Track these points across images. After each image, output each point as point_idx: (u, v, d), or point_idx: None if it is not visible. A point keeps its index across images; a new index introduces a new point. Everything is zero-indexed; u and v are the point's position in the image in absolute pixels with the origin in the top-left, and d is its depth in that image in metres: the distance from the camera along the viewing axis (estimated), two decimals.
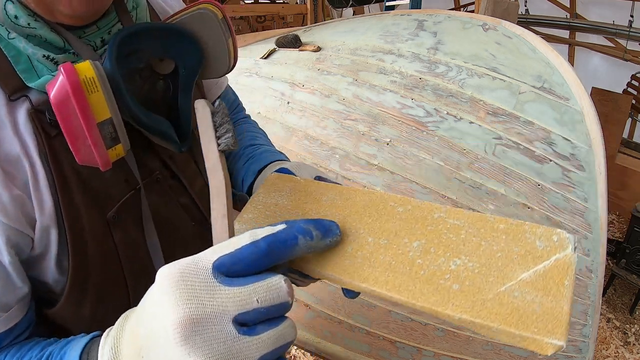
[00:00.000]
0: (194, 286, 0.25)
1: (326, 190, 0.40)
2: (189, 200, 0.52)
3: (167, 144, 0.45)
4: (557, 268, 0.28)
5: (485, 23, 1.31)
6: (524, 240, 0.30)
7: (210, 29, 0.45)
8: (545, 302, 0.26)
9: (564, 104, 1.10)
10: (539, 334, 0.26)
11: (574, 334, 1.07)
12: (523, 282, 0.28)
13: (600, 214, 1.04)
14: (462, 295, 0.29)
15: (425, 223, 0.33)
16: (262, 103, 1.45)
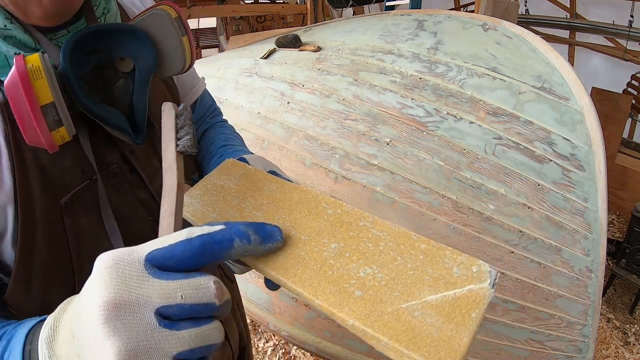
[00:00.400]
0: (124, 273, 0.26)
1: (270, 182, 0.41)
2: (148, 195, 0.54)
3: (122, 135, 0.48)
4: (469, 298, 0.27)
5: (485, 23, 1.30)
6: (441, 264, 0.29)
7: (165, 28, 0.48)
8: (445, 329, 0.26)
9: (564, 104, 1.10)
10: (428, 358, 0.25)
11: (574, 334, 1.07)
12: (427, 303, 0.27)
13: (600, 214, 1.04)
14: (362, 302, 0.28)
15: (349, 228, 0.34)
16: (262, 103, 1.45)
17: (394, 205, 1.11)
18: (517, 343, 1.08)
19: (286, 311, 1.23)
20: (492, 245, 1.05)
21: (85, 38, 0.43)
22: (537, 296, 1.05)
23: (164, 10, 0.48)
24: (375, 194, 1.14)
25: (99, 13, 0.48)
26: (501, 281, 1.05)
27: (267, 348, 1.85)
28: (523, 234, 1.04)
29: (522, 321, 1.06)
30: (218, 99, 1.62)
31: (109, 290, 0.25)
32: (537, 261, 1.04)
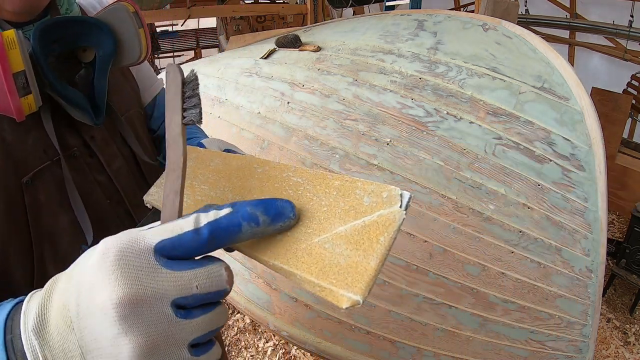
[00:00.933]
0: (135, 266, 0.25)
1: (215, 157, 0.44)
2: (106, 178, 0.58)
3: (83, 116, 0.53)
4: (378, 224, 0.27)
5: (485, 23, 1.30)
6: (353, 196, 0.30)
7: (123, 21, 0.54)
8: (352, 256, 0.27)
9: (564, 104, 1.10)
10: (336, 285, 0.26)
11: (574, 334, 1.07)
12: (337, 235, 0.28)
13: (600, 213, 1.04)
14: (281, 244, 0.30)
15: (274, 182, 0.36)
16: (262, 103, 1.45)
17: None
18: (517, 343, 1.08)
19: (286, 311, 1.23)
20: (492, 245, 1.05)
21: (53, 26, 0.48)
22: (537, 296, 1.05)
23: (122, 4, 0.54)
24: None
25: (63, 11, 0.54)
26: (501, 281, 1.05)
27: (267, 348, 1.85)
28: (523, 234, 1.04)
29: (522, 321, 1.06)
30: (218, 98, 1.62)
31: (121, 286, 0.24)
32: (537, 261, 1.04)
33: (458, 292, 1.06)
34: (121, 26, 0.54)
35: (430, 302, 1.08)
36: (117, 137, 0.62)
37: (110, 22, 0.54)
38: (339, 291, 0.26)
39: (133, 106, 0.67)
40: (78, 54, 0.55)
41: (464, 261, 1.05)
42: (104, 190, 0.58)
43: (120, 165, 0.61)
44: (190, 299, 0.26)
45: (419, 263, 1.07)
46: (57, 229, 0.51)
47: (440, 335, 1.09)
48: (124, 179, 0.61)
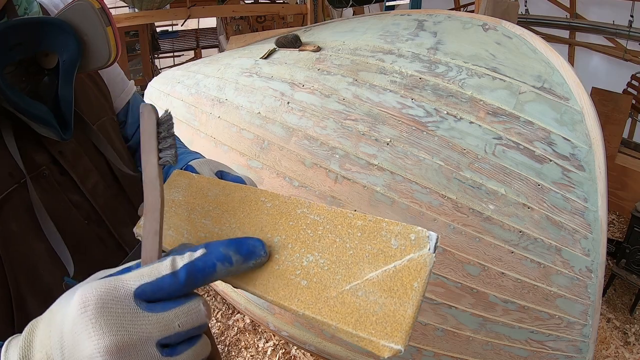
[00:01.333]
0: (117, 313, 0.25)
1: (212, 186, 0.42)
2: (80, 197, 0.52)
3: (49, 131, 0.46)
4: (409, 269, 0.27)
5: (485, 23, 1.30)
6: (379, 238, 0.29)
7: (88, 19, 0.47)
8: (387, 304, 0.26)
9: (564, 104, 1.10)
10: (375, 335, 0.25)
11: (574, 334, 1.07)
12: (369, 281, 0.27)
13: (600, 213, 1.04)
14: (309, 291, 0.29)
15: (288, 218, 0.34)
16: (262, 103, 1.45)
17: (394, 205, 1.11)
18: (517, 343, 1.08)
19: (286, 311, 1.23)
20: (492, 245, 1.05)
21: (6, 32, 0.42)
22: (537, 296, 1.05)
23: (87, 1, 0.47)
24: (375, 194, 1.14)
25: (21, 12, 0.48)
26: (501, 281, 1.05)
27: (267, 348, 1.85)
28: (523, 234, 1.04)
29: (522, 321, 1.06)
30: (218, 99, 1.62)
31: (106, 334, 0.24)
32: (537, 261, 1.04)
33: (458, 292, 1.06)
34: (86, 26, 0.47)
35: (430, 302, 1.08)
36: (90, 149, 0.55)
37: (73, 21, 0.47)
38: (380, 342, 0.25)
39: (105, 113, 0.61)
40: (39, 59, 0.48)
41: (464, 261, 1.05)
42: (80, 210, 0.51)
43: (96, 182, 0.54)
44: (173, 337, 0.27)
45: None
46: (33, 259, 0.46)
47: (440, 335, 1.09)
48: (101, 197, 0.54)
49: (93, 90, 0.60)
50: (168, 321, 0.26)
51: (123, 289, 0.26)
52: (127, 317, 0.25)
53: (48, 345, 0.26)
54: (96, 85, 0.61)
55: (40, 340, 0.27)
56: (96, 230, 0.53)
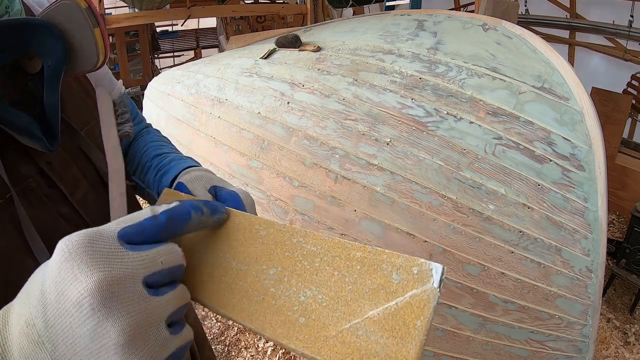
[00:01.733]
0: (102, 253, 0.25)
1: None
2: (70, 209, 0.49)
3: (34, 142, 0.43)
4: (412, 306, 0.26)
5: (485, 23, 1.30)
6: (380, 272, 0.28)
7: (75, 20, 0.44)
8: (389, 345, 0.25)
9: (564, 104, 1.10)
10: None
11: (574, 334, 1.07)
12: (370, 320, 0.26)
13: (600, 213, 1.04)
14: (307, 329, 0.28)
15: (283, 248, 0.33)
16: (262, 103, 1.45)
17: (394, 205, 1.11)
18: (517, 343, 1.08)
19: None
20: (492, 245, 1.05)
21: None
22: (537, 296, 1.05)
23: (73, 0, 0.43)
24: (375, 194, 1.14)
25: (2, 11, 0.44)
26: (501, 281, 1.05)
27: (267, 348, 1.85)
28: (523, 234, 1.04)
29: (522, 321, 1.06)
30: (218, 99, 1.62)
31: (94, 272, 0.24)
32: (537, 261, 1.04)
33: (458, 292, 1.06)
34: (72, 27, 0.44)
35: None
36: (79, 156, 0.52)
37: (58, 22, 0.43)
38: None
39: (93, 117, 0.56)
40: (23, 63, 0.44)
41: (464, 261, 1.05)
42: (70, 223, 0.49)
43: (85, 192, 0.51)
44: (157, 276, 0.27)
45: None
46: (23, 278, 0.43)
47: (440, 335, 1.09)
48: (91, 208, 0.51)
49: (80, 94, 0.56)
50: (152, 258, 0.27)
51: (106, 232, 0.27)
52: (112, 256, 0.26)
53: (27, 313, 0.25)
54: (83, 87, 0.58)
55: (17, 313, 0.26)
56: None
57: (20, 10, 0.46)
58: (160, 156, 0.62)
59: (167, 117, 1.86)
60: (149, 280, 0.27)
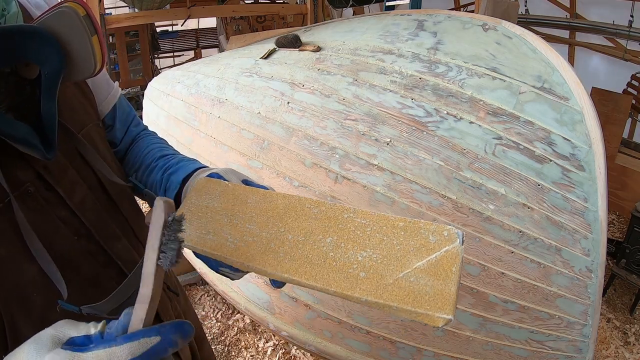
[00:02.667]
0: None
1: (251, 193, 0.45)
2: (68, 212, 0.49)
3: (32, 151, 0.43)
4: (447, 257, 0.34)
5: (485, 23, 1.30)
6: (420, 235, 0.36)
7: (72, 27, 0.43)
8: (436, 285, 0.33)
9: (564, 104, 1.10)
10: (430, 310, 0.32)
11: (574, 334, 1.07)
12: (418, 269, 0.34)
13: (600, 213, 1.04)
14: (368, 281, 0.35)
15: (336, 222, 0.39)
16: (262, 103, 1.45)
17: (394, 205, 1.11)
18: (517, 343, 1.08)
19: (286, 311, 1.23)
20: (492, 245, 1.05)
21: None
22: (537, 296, 1.05)
23: (71, 7, 0.43)
24: (375, 194, 1.14)
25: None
26: (501, 281, 1.05)
27: (267, 348, 1.85)
28: (523, 234, 1.04)
29: (522, 321, 1.06)
30: (218, 98, 1.62)
31: None
32: (537, 261, 1.04)
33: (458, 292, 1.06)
34: (70, 35, 0.43)
35: None
36: (76, 159, 0.52)
37: (56, 30, 0.43)
38: (435, 314, 0.32)
39: (90, 120, 0.57)
40: (19, 69, 0.44)
41: (464, 261, 1.05)
42: (69, 226, 0.49)
43: (84, 195, 0.51)
44: None
45: None
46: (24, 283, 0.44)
47: (440, 335, 1.09)
48: (90, 210, 0.52)
49: (77, 96, 0.56)
50: None
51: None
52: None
53: None
54: (80, 90, 0.58)
55: None
56: (86, 245, 0.51)
57: (17, 13, 0.46)
58: (166, 157, 0.64)
59: (167, 117, 1.86)
60: None
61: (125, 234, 0.57)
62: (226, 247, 0.41)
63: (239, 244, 0.41)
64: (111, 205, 0.56)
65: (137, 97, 4.30)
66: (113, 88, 0.67)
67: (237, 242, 0.41)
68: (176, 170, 0.60)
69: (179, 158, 0.64)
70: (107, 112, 0.66)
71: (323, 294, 1.23)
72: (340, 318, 1.15)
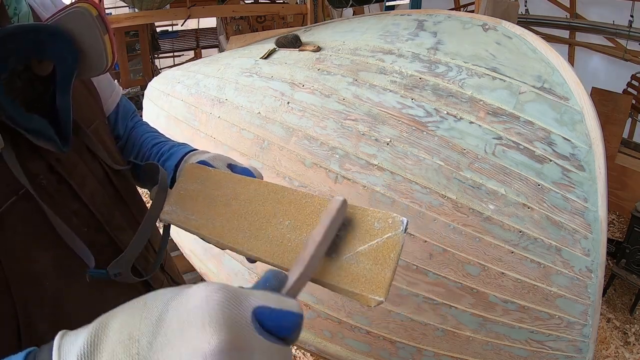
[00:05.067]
0: (235, 319, 0.25)
1: (230, 180, 0.50)
2: (80, 205, 0.51)
3: (47, 144, 0.45)
4: (387, 244, 0.36)
5: (485, 23, 1.30)
6: (367, 222, 0.39)
7: (85, 26, 0.46)
8: (373, 269, 0.36)
9: (564, 104, 1.10)
10: (365, 291, 0.35)
11: (574, 334, 1.07)
12: (360, 253, 0.37)
13: (600, 213, 1.04)
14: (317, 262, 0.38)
15: (296, 207, 0.43)
16: (262, 103, 1.45)
17: (394, 205, 1.11)
18: (517, 343, 1.08)
19: None
20: (492, 245, 1.05)
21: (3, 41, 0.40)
22: (537, 296, 1.05)
23: (84, 7, 0.45)
24: (375, 194, 1.14)
25: (11, 13, 0.46)
26: (501, 281, 1.05)
27: None
28: (523, 234, 1.04)
29: (522, 321, 1.06)
30: (218, 98, 1.62)
31: (223, 332, 0.23)
32: (537, 261, 1.04)
33: (458, 292, 1.06)
34: (84, 34, 0.46)
35: (430, 302, 1.08)
36: (85, 154, 0.54)
37: (71, 29, 0.45)
38: (369, 296, 0.35)
39: (97, 117, 0.60)
40: (33, 66, 0.46)
41: (464, 261, 1.05)
42: (80, 218, 0.51)
43: (93, 188, 0.54)
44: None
45: (419, 263, 1.07)
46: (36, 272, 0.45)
47: (440, 335, 1.09)
48: (99, 203, 0.54)
49: (84, 94, 0.59)
50: (270, 352, 0.26)
51: (245, 300, 0.26)
52: (242, 327, 0.25)
53: (134, 327, 0.24)
54: (87, 88, 0.60)
55: (121, 321, 0.25)
56: (95, 236, 0.53)
57: (28, 13, 0.48)
58: (158, 144, 0.69)
59: (167, 117, 1.86)
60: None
61: (131, 226, 0.59)
62: (205, 227, 0.47)
63: (216, 224, 0.46)
64: (118, 197, 0.59)
65: (137, 97, 4.30)
66: (116, 87, 0.71)
67: (215, 223, 0.47)
68: (169, 157, 0.65)
69: (171, 144, 0.69)
70: (112, 111, 0.69)
71: (323, 293, 1.22)
72: (340, 318, 1.15)
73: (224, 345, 0.23)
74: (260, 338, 0.25)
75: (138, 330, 0.24)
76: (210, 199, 0.49)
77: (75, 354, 0.24)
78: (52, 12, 0.53)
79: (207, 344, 0.23)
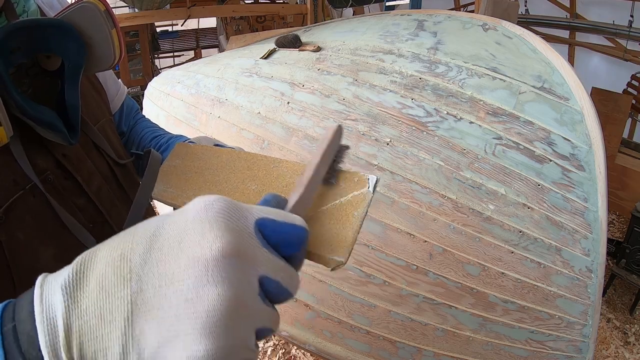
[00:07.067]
0: (237, 226, 0.23)
1: (206, 152, 0.51)
2: (86, 200, 0.51)
3: (56, 136, 0.46)
4: (351, 202, 0.35)
5: (485, 23, 1.30)
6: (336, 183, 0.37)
7: (93, 21, 0.47)
8: (334, 229, 0.34)
9: (564, 104, 1.10)
10: (324, 252, 0.32)
11: (574, 334, 1.07)
12: (321, 212, 0.35)
13: (600, 213, 1.04)
14: None
15: (264, 172, 0.44)
16: (262, 103, 1.45)
17: (394, 205, 1.11)
18: (517, 343, 1.08)
19: (286, 311, 1.23)
20: (492, 245, 1.05)
21: (11, 35, 0.40)
22: (537, 296, 1.05)
23: (92, 3, 0.46)
24: (375, 193, 1.14)
25: (20, 11, 0.47)
26: (501, 281, 1.05)
27: (267, 348, 1.85)
28: (523, 234, 1.04)
29: (522, 321, 1.06)
30: (218, 98, 1.62)
31: (224, 237, 0.22)
32: (537, 261, 1.04)
33: (458, 292, 1.06)
34: (92, 29, 0.47)
35: (430, 302, 1.08)
36: (92, 151, 0.55)
37: (79, 24, 0.46)
38: (327, 256, 0.32)
39: (104, 114, 0.61)
40: (41, 61, 0.47)
41: (464, 261, 1.05)
42: (85, 214, 0.51)
43: (100, 184, 0.54)
44: (272, 286, 0.24)
45: (419, 263, 1.07)
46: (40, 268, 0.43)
47: (440, 335, 1.09)
48: (105, 199, 0.54)
49: (91, 92, 0.59)
50: (277, 265, 0.25)
51: (247, 212, 0.25)
52: (244, 235, 0.23)
53: (126, 246, 0.22)
54: (93, 86, 0.61)
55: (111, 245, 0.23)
56: (100, 232, 0.52)
57: (37, 12, 0.49)
58: (157, 137, 0.71)
59: (167, 117, 1.86)
60: (264, 283, 0.24)
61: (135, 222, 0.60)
62: (180, 197, 0.48)
63: (189, 194, 0.47)
64: (122, 194, 0.60)
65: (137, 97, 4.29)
66: (121, 86, 0.72)
67: (188, 193, 0.48)
68: (167, 148, 0.68)
69: (169, 136, 0.72)
70: (117, 108, 0.71)
71: (323, 293, 1.22)
72: (340, 318, 1.15)
73: (227, 251, 0.22)
74: (265, 250, 0.24)
75: (130, 248, 0.22)
76: (186, 171, 0.50)
77: (59, 284, 0.22)
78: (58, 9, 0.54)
79: (208, 250, 0.21)
